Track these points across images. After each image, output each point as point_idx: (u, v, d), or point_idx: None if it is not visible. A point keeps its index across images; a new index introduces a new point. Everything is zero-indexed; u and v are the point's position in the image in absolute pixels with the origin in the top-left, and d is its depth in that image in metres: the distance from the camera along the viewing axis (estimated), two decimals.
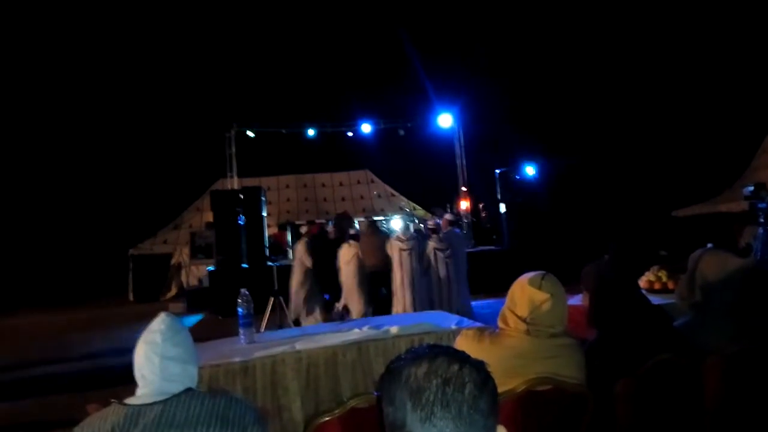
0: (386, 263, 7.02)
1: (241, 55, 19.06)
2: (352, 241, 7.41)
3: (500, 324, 2.07)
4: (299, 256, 7.49)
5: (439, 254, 7.08)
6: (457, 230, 8.10)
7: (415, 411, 0.87)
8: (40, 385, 6.30)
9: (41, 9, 17.74)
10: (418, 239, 7.21)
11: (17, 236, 17.74)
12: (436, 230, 7.44)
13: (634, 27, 18.59)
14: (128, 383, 1.67)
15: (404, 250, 6.84)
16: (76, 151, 18.44)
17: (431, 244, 7.20)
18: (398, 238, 7.03)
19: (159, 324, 1.62)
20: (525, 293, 1.98)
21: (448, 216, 8.29)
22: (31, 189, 18.44)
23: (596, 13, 18.43)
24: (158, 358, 1.56)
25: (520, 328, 1.98)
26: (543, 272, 2.03)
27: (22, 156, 18.26)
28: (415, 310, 6.47)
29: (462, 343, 2.06)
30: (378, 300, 7.03)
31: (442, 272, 7.01)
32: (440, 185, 16.89)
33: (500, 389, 0.95)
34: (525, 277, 2.03)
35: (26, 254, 17.53)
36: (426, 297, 6.93)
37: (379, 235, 7.42)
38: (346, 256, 7.22)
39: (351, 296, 7.17)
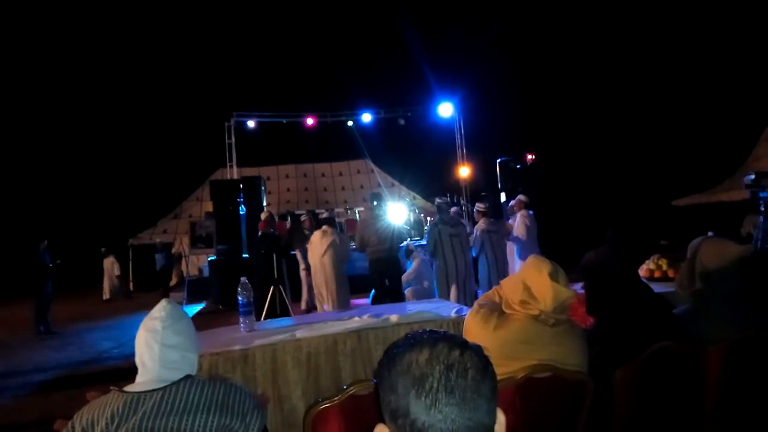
0: (391, 250, 6.51)
1: (240, 44, 18.99)
2: (326, 227, 6.90)
3: (506, 310, 2.06)
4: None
5: (493, 236, 6.83)
6: (531, 212, 7.60)
7: (420, 398, 0.86)
8: (38, 377, 6.32)
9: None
10: (464, 225, 6.90)
11: (17, 226, 17.72)
12: (485, 213, 7.06)
13: (636, 18, 18.49)
14: (128, 373, 1.66)
15: (454, 236, 6.40)
16: (77, 142, 18.41)
17: (481, 226, 6.90)
18: (444, 222, 6.52)
19: (160, 311, 1.62)
20: (549, 289, 1.93)
21: (522, 197, 7.89)
22: (33, 180, 18.40)
23: (598, 4, 18.32)
24: (158, 345, 1.56)
25: (529, 313, 1.98)
26: (551, 265, 2.00)
27: (25, 147, 18.21)
28: (459, 299, 6.08)
29: (470, 320, 2.09)
30: (384, 291, 6.44)
31: (491, 255, 6.76)
32: (441, 174, 16.87)
33: (501, 372, 0.95)
34: (541, 272, 1.97)
35: (25, 244, 17.51)
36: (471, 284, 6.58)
37: (383, 219, 6.70)
38: (322, 246, 6.74)
39: (326, 290, 6.75)
